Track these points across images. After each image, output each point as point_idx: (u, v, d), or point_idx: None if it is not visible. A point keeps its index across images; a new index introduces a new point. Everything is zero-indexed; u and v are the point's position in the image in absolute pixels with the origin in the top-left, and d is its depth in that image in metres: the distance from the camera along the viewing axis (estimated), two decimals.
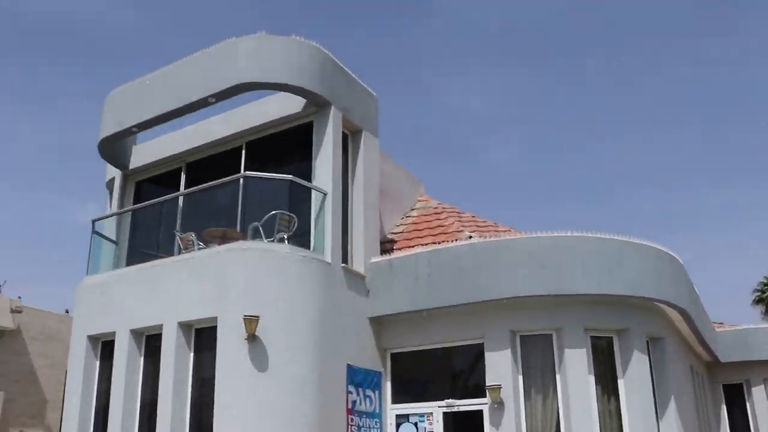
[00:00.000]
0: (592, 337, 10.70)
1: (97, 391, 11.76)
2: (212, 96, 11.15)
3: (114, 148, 13.47)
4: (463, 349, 11.29)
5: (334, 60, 11.54)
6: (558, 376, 10.54)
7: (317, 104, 11.37)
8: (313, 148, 11.36)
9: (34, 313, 22.60)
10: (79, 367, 11.85)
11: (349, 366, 10.67)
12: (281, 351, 9.76)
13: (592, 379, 10.47)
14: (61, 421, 21.24)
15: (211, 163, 12.95)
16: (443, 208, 13.92)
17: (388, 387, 11.60)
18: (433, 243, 12.04)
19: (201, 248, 10.99)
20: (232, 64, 10.99)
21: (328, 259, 10.64)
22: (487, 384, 10.53)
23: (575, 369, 10.38)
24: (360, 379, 10.91)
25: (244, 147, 12.46)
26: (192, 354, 10.61)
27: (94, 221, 12.94)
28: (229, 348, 9.78)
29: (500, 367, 10.56)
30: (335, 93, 11.42)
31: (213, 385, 9.86)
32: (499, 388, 10.36)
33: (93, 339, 11.86)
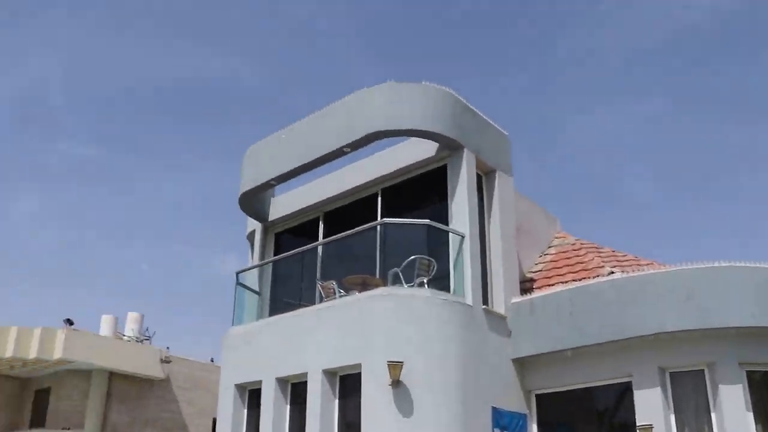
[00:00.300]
0: (747, 372, 10.20)
1: None
2: (347, 146, 11.42)
3: (253, 202, 13.97)
4: (609, 387, 10.95)
5: (464, 103, 11.61)
6: (713, 414, 10.06)
7: (450, 147, 11.45)
8: (448, 190, 11.41)
9: (181, 363, 23.48)
10: (227, 415, 12.18)
11: (494, 409, 10.54)
12: (426, 396, 9.74)
13: (750, 416, 9.91)
14: None
15: (347, 212, 13.21)
16: (581, 244, 13.67)
17: (534, 429, 11.36)
18: (574, 280, 11.83)
19: (342, 296, 11.18)
20: (365, 114, 11.25)
21: (469, 302, 10.60)
22: (637, 424, 10.16)
23: (731, 406, 9.87)
24: (506, 421, 10.76)
25: (379, 194, 12.66)
26: (337, 401, 10.73)
27: (237, 273, 13.42)
28: (374, 394, 9.84)
29: (650, 405, 10.17)
30: (467, 135, 11.47)
31: (359, 431, 9.92)
32: (650, 427, 9.98)
33: (240, 387, 12.19)
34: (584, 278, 11.69)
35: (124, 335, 23.59)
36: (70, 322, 21.15)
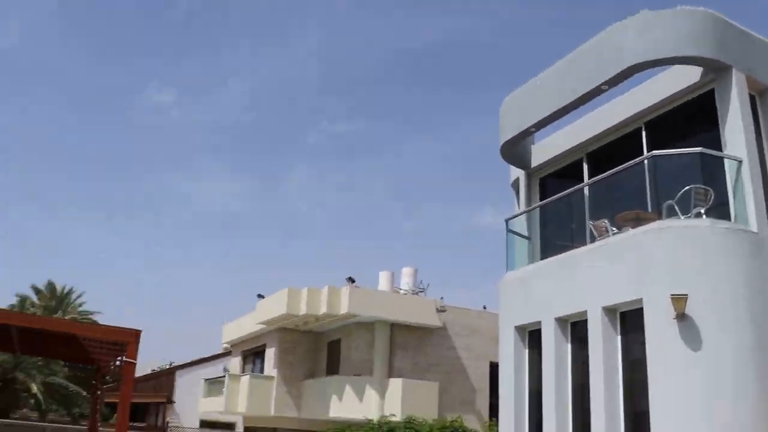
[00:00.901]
0: None
1: (529, 378, 12.38)
2: (605, 83, 11.21)
3: (515, 151, 14.21)
4: None
5: (726, 21, 10.90)
6: None
7: (716, 70, 10.85)
8: (719, 115, 10.84)
9: (456, 311, 24.42)
10: (509, 356, 12.63)
11: None
12: (713, 328, 9.43)
13: None
14: (489, 408, 22.77)
15: (611, 149, 13.00)
16: None
17: None
18: None
19: (615, 233, 11.11)
20: (621, 48, 10.95)
21: (754, 228, 10.04)
22: None
23: None
24: None
25: (643, 128, 12.32)
26: (619, 338, 10.69)
27: (507, 220, 13.76)
28: (658, 329, 9.71)
29: None
30: (733, 55, 10.79)
31: (644, 367, 9.84)
32: None
33: (520, 329, 12.56)
34: None
35: (400, 289, 24.90)
36: (351, 280, 22.75)
